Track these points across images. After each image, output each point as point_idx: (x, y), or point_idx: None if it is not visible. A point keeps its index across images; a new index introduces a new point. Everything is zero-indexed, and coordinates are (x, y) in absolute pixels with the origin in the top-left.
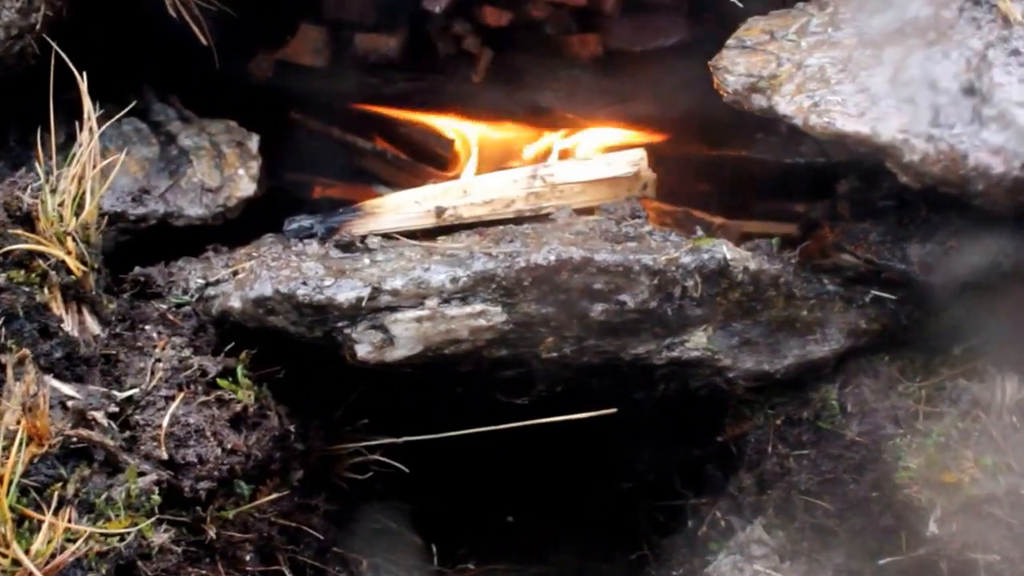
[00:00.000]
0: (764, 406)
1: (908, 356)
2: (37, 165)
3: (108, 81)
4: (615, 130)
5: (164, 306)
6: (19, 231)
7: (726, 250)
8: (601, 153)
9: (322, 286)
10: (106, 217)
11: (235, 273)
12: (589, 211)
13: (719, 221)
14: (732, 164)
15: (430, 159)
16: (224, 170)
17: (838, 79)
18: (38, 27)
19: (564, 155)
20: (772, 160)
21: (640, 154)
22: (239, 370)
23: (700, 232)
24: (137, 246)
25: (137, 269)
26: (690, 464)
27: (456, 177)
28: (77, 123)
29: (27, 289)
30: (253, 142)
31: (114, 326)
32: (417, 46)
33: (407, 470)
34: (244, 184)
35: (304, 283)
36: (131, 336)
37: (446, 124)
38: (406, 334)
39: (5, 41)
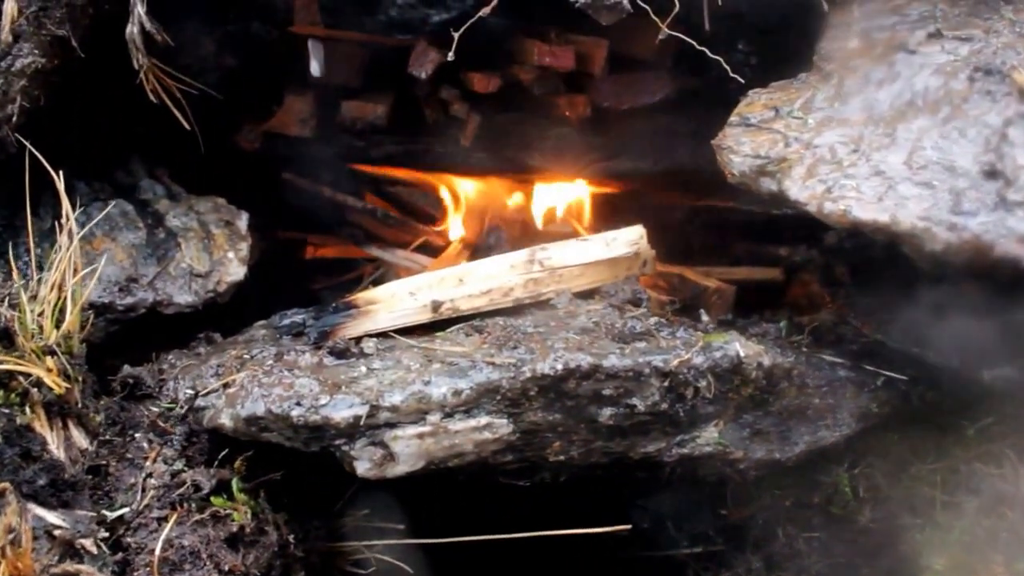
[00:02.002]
0: (772, 487)
1: (919, 435)
2: (14, 273)
3: (93, 155)
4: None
5: (155, 409)
6: None
7: (739, 347)
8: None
9: (317, 405)
10: (92, 311)
11: (226, 386)
12: (589, 293)
13: (714, 285)
14: (719, 214)
15: (419, 215)
16: (213, 253)
17: (851, 160)
18: (14, 119)
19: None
20: (759, 211)
21: (639, 233)
22: (234, 483)
23: (704, 318)
24: (125, 335)
25: (126, 370)
26: (700, 538)
27: (445, 231)
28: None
29: (6, 411)
30: (242, 221)
31: (103, 433)
32: (404, 108)
33: (409, 570)
34: (234, 268)
35: (298, 403)
36: (121, 443)
37: (434, 182)
38: (407, 450)
39: None
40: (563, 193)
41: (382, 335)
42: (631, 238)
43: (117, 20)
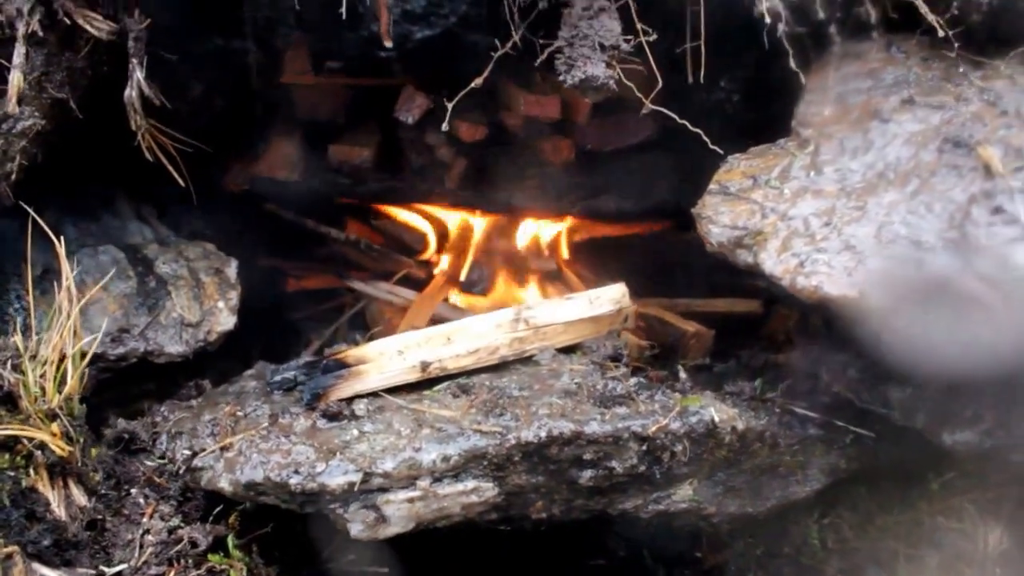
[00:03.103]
0: (745, 534)
1: (886, 487)
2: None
3: (80, 194)
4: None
5: (150, 464)
6: (1, 411)
7: (714, 412)
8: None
9: (314, 473)
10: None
11: (223, 448)
12: (572, 348)
13: (692, 329)
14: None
15: (403, 248)
16: (204, 302)
17: (823, 234)
18: (13, 176)
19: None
20: None
21: (622, 291)
22: (230, 540)
23: (682, 375)
24: (116, 382)
25: (121, 424)
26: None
27: (430, 262)
28: (52, 252)
29: (12, 474)
30: (231, 269)
31: (100, 487)
32: (390, 146)
33: None
34: (224, 318)
35: (296, 471)
36: (117, 498)
37: (418, 216)
38: (398, 513)
39: None
40: (547, 228)
41: (372, 394)
42: (614, 296)
43: (113, 81)
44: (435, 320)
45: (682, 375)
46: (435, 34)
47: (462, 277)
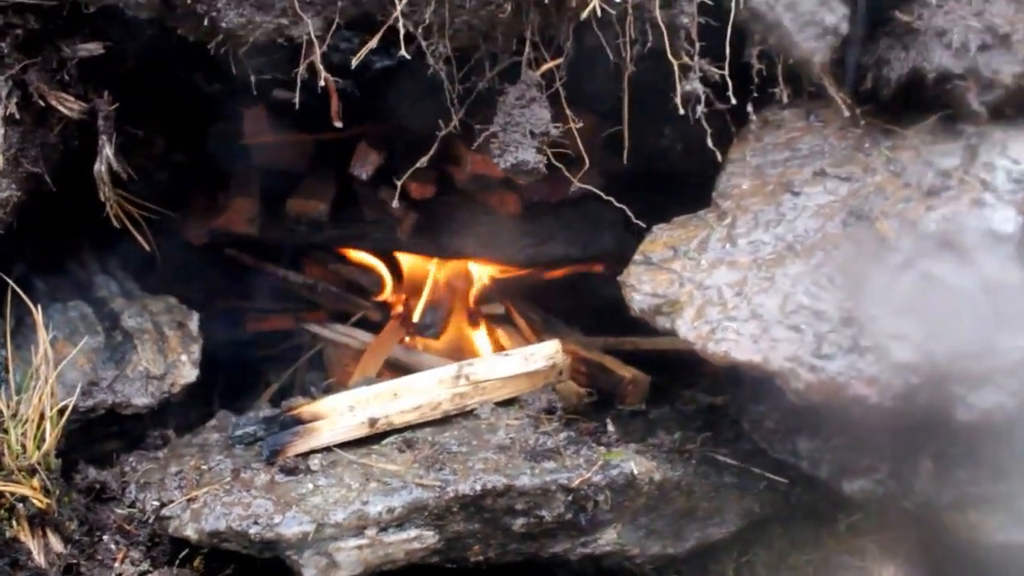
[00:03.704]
0: (668, 572)
1: (798, 527)
2: None
3: (48, 249)
4: None
5: (120, 512)
6: None
7: (633, 466)
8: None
9: (272, 524)
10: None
11: (190, 500)
12: (510, 401)
13: (629, 375)
14: None
15: (359, 291)
16: (168, 355)
17: (734, 303)
18: None
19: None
20: None
21: (555, 346)
22: None
23: (611, 428)
24: (84, 431)
25: (92, 474)
26: None
27: (387, 303)
28: (25, 307)
29: None
30: (194, 322)
31: (75, 534)
32: (345, 197)
33: None
34: (187, 371)
35: (255, 522)
36: (90, 543)
37: (374, 259)
38: (348, 559)
39: None
40: (498, 273)
41: (326, 448)
42: (548, 352)
43: (82, 153)
44: (390, 363)
45: (610, 428)
46: (393, 64)
47: (416, 320)
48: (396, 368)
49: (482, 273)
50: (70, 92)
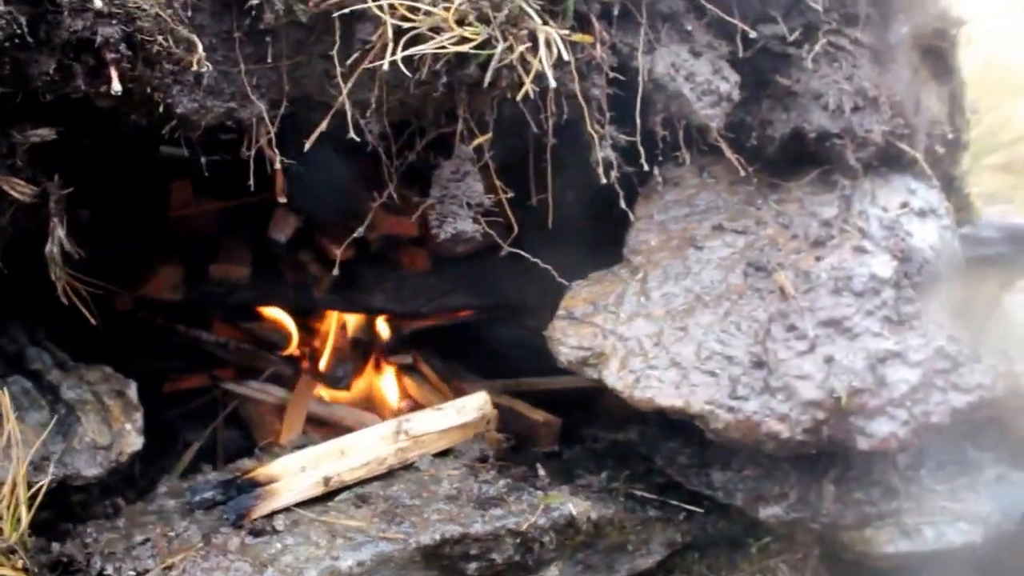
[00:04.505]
0: None
1: (714, 552)
2: None
3: None
4: None
5: None
6: None
7: (572, 507)
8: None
9: None
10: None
11: (166, 569)
12: (445, 452)
13: (541, 419)
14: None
15: (268, 345)
16: (112, 425)
17: (654, 353)
18: None
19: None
20: None
21: (484, 398)
22: None
23: (541, 472)
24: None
25: (56, 548)
26: None
27: (293, 358)
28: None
29: None
30: (132, 390)
31: None
32: (262, 259)
33: None
34: (132, 439)
35: None
36: None
37: (282, 314)
38: None
39: None
40: (402, 324)
41: (286, 509)
42: (478, 404)
43: (32, 235)
44: (310, 418)
45: (541, 472)
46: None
47: (326, 372)
48: (312, 421)
49: (385, 324)
50: (20, 176)
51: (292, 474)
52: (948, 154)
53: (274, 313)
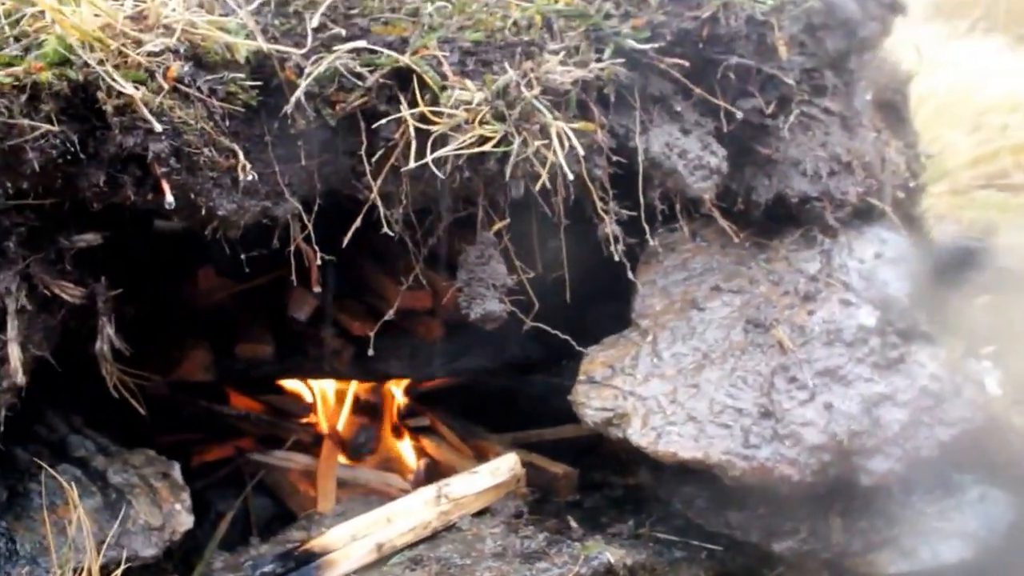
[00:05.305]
0: None
1: None
2: None
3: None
4: None
5: None
6: None
7: (609, 556)
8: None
9: None
10: None
11: None
12: (482, 511)
13: (560, 471)
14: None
15: (287, 415)
16: (162, 506)
17: (672, 410)
18: None
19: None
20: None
21: (515, 459)
22: None
23: (573, 524)
24: None
25: None
26: None
27: (312, 426)
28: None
29: None
30: (176, 472)
31: None
32: (283, 335)
33: None
34: (183, 518)
35: None
36: None
37: (299, 384)
38: None
39: None
40: (414, 387)
41: None
42: (510, 464)
43: (76, 332)
44: (340, 483)
45: (573, 524)
46: None
47: (349, 439)
48: (340, 486)
49: (399, 388)
50: (69, 279)
51: (345, 543)
52: (908, 198)
53: (291, 384)
